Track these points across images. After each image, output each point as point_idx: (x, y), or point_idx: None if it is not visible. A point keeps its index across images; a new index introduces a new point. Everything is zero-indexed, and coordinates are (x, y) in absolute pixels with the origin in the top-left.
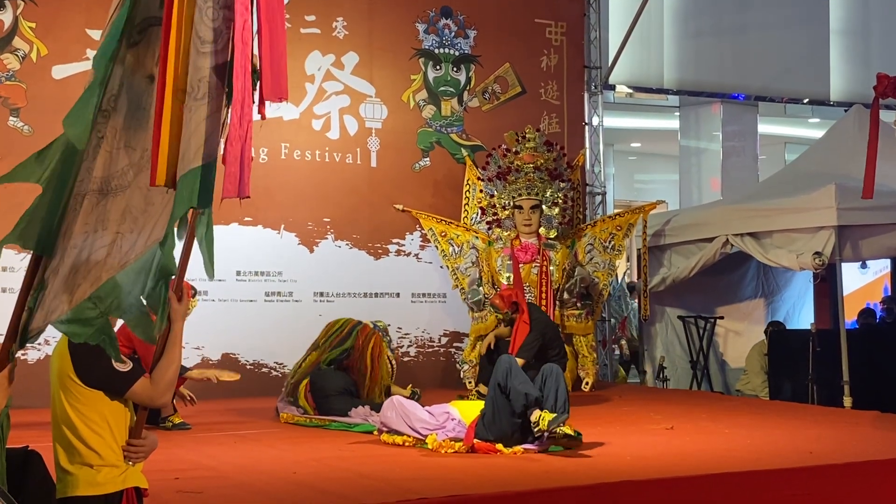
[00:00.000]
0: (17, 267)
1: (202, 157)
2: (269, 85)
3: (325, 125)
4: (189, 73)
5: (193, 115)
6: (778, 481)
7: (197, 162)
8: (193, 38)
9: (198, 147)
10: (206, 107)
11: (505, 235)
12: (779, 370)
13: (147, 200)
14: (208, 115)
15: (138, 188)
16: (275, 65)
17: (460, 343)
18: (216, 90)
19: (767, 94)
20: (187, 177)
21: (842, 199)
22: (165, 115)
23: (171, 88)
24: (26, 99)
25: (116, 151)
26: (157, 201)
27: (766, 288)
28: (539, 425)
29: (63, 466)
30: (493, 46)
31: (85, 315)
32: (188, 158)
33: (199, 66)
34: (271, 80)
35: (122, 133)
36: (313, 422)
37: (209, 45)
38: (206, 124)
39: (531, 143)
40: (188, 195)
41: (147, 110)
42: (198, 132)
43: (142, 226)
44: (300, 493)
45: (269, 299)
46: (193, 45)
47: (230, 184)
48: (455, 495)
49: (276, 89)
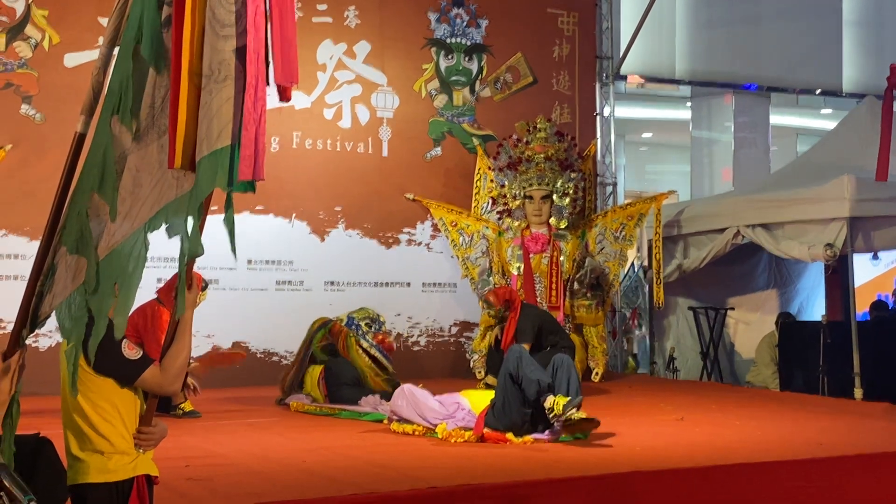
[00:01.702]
0: (29, 255)
1: (230, 136)
2: (280, 69)
3: (337, 114)
4: (207, 56)
5: (215, 97)
6: (788, 473)
7: (223, 142)
8: (211, 22)
9: (221, 128)
10: (229, 88)
11: (515, 225)
12: (789, 361)
13: (135, 182)
14: (232, 96)
15: (128, 170)
16: (285, 49)
17: (470, 333)
18: (239, 72)
19: (780, 84)
20: (212, 157)
21: (854, 190)
22: (182, 99)
23: (187, 72)
24: (38, 87)
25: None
26: (146, 183)
27: (778, 279)
28: (554, 410)
29: (74, 453)
30: (504, 36)
31: (78, 305)
32: (211, 140)
33: (218, 48)
34: (281, 64)
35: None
36: (323, 410)
37: (230, 29)
38: (231, 105)
39: (542, 133)
40: (214, 175)
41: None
42: (220, 114)
43: (128, 208)
44: (310, 481)
45: (280, 288)
46: (212, 29)
47: (245, 166)
48: (465, 484)
49: (286, 73)
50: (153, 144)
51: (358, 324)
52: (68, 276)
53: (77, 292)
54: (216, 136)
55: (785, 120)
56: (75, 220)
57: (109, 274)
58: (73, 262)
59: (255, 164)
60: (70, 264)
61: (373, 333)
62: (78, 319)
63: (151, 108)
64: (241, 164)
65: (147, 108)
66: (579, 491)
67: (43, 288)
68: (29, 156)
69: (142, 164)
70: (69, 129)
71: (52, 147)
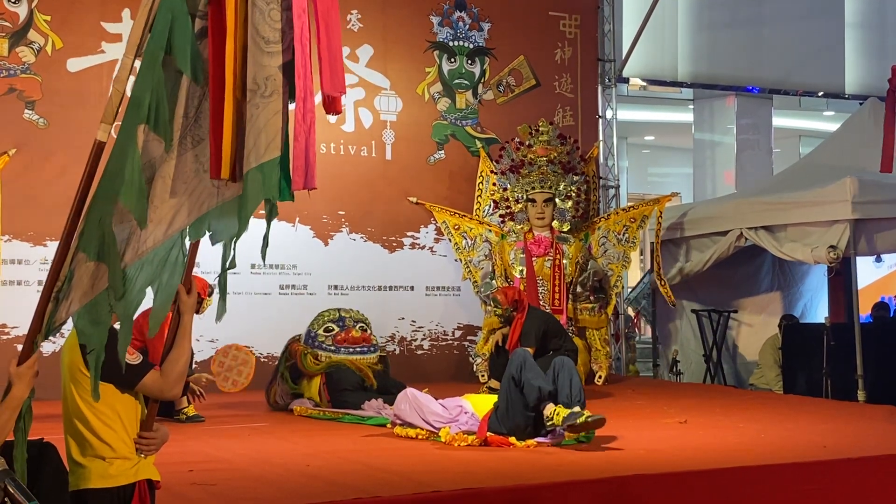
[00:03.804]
0: (32, 260)
1: (279, 149)
2: (329, 80)
3: (340, 118)
4: (252, 71)
5: (262, 111)
6: (791, 475)
7: (272, 154)
8: (254, 38)
9: (269, 141)
10: (276, 103)
11: (518, 229)
12: (793, 364)
13: (169, 190)
14: (279, 111)
15: (160, 178)
16: (332, 61)
17: (474, 336)
18: (285, 87)
19: (782, 87)
20: (260, 169)
21: (857, 192)
22: (227, 112)
23: (231, 86)
24: (41, 92)
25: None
26: (180, 190)
27: (782, 281)
28: (553, 420)
29: (75, 459)
30: (507, 39)
31: (99, 310)
32: (259, 153)
33: (263, 64)
34: (330, 75)
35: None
36: (326, 415)
37: (275, 45)
38: (276, 120)
39: (544, 136)
40: (262, 187)
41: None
42: (268, 127)
43: (161, 215)
44: (313, 486)
45: (284, 292)
46: (255, 44)
47: (298, 176)
48: (468, 488)
49: (334, 84)
50: (188, 153)
51: (315, 334)
52: (88, 283)
53: (100, 298)
54: (264, 149)
55: (787, 122)
56: (96, 227)
57: (140, 280)
58: (94, 269)
59: (306, 174)
60: (90, 271)
61: (332, 338)
62: (100, 325)
63: (185, 117)
64: (294, 175)
65: (180, 117)
66: (582, 494)
67: (59, 294)
68: (32, 161)
69: (176, 173)
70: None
71: (56, 152)
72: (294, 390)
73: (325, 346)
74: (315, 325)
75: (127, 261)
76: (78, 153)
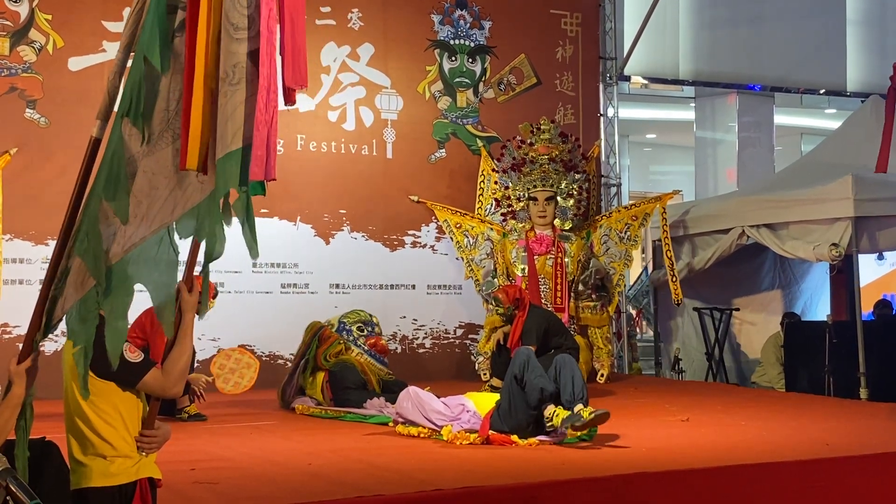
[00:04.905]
0: (34, 259)
1: (242, 139)
2: (290, 72)
3: (341, 116)
4: (222, 59)
5: (229, 100)
6: (794, 473)
7: (237, 144)
8: (225, 25)
9: (235, 130)
10: (242, 91)
11: (520, 227)
12: (795, 362)
13: (151, 185)
14: (245, 100)
15: (143, 173)
16: (295, 53)
17: (475, 335)
18: (252, 75)
19: (784, 84)
20: (227, 159)
21: (858, 190)
22: (196, 102)
23: (203, 75)
24: (42, 91)
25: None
26: (162, 185)
27: (782, 279)
28: (552, 421)
29: (76, 458)
30: (508, 37)
31: (88, 307)
32: (225, 142)
33: (232, 51)
34: (292, 67)
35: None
36: (328, 413)
37: (243, 32)
38: (244, 108)
39: (546, 134)
40: (230, 176)
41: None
42: (234, 116)
43: (144, 211)
44: (315, 485)
45: (285, 291)
46: (226, 32)
47: (257, 167)
48: (470, 487)
49: (296, 77)
50: (168, 148)
51: (349, 328)
52: (78, 280)
53: (89, 295)
54: (230, 139)
55: (789, 120)
56: (86, 224)
57: (129, 278)
58: (83, 266)
59: (266, 164)
60: (80, 268)
61: (364, 338)
62: (87, 322)
63: (166, 111)
64: (252, 165)
65: (161, 111)
66: (585, 492)
67: (56, 292)
68: (33, 160)
69: (157, 168)
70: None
71: (57, 151)
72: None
73: (360, 345)
74: (347, 320)
75: (112, 257)
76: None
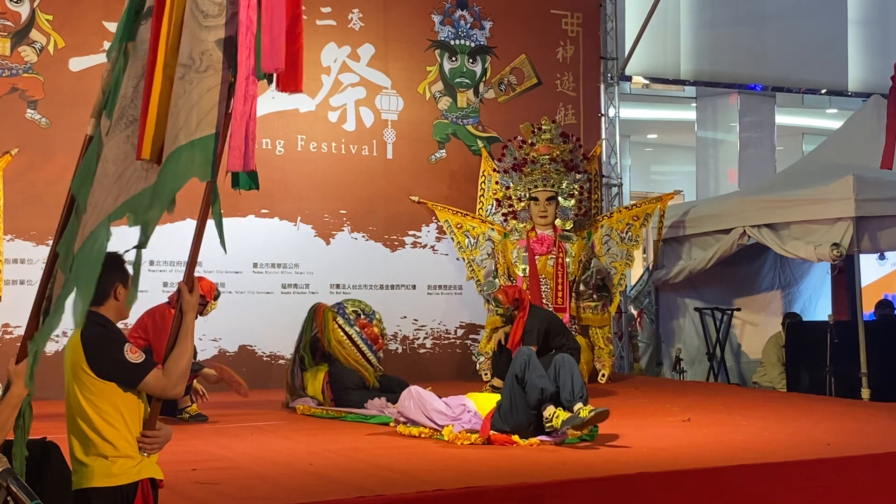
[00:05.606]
0: (35, 259)
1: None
2: (268, 57)
3: (341, 117)
4: (187, 45)
5: (195, 87)
6: (795, 473)
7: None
8: (193, 11)
9: (201, 118)
10: (212, 78)
11: (521, 227)
12: (796, 362)
13: (104, 173)
14: (213, 87)
15: (102, 161)
16: (273, 38)
17: (476, 335)
18: (224, 63)
19: (785, 84)
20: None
21: (860, 190)
22: (155, 90)
23: (163, 63)
24: (44, 91)
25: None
26: (111, 173)
27: (783, 279)
28: (552, 422)
29: (78, 458)
30: (508, 37)
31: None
32: (190, 129)
33: (200, 38)
34: (270, 52)
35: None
36: (329, 413)
37: (214, 19)
38: (211, 96)
39: (547, 134)
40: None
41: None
42: (202, 104)
43: (96, 199)
44: (317, 485)
45: (286, 291)
46: (194, 18)
47: (235, 158)
48: (471, 487)
49: (273, 61)
50: (121, 135)
51: (344, 307)
52: (61, 279)
53: (64, 292)
54: (195, 126)
55: (790, 120)
56: (71, 221)
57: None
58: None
59: (245, 155)
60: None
61: (357, 317)
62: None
63: (123, 97)
64: (230, 156)
65: (119, 98)
66: (586, 492)
67: (51, 291)
68: (35, 160)
69: (111, 155)
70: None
71: (58, 151)
72: (307, 369)
73: (347, 318)
74: (347, 302)
75: (76, 247)
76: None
